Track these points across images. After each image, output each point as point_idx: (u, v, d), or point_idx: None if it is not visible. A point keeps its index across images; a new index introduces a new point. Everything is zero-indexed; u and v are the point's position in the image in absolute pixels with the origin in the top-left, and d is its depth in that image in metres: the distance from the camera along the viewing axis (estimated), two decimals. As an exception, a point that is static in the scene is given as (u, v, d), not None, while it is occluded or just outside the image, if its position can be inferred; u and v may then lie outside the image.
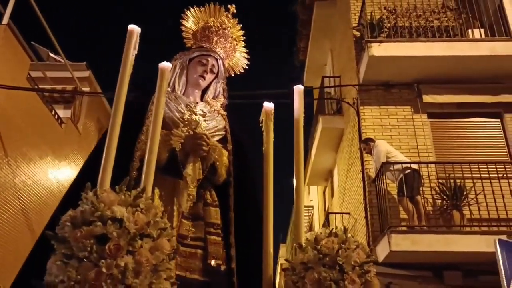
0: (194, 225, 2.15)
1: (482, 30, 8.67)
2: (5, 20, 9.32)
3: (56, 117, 11.58)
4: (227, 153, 2.33)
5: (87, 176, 1.49)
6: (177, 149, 2.15)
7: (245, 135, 2.54)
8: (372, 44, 8.22)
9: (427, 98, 8.37)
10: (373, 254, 2.23)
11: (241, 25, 2.55)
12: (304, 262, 1.50)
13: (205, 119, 2.35)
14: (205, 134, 2.22)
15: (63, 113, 12.47)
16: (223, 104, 2.52)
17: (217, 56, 2.48)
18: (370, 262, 1.53)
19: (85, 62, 13.52)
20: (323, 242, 1.52)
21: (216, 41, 2.49)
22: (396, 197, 7.40)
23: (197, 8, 2.52)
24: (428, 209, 7.40)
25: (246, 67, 2.64)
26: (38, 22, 10.16)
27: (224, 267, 2.13)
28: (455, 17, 9.02)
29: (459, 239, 6.64)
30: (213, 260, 2.10)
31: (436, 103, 8.40)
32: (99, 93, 13.86)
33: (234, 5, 2.53)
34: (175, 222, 2.05)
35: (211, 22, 2.49)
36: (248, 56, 2.63)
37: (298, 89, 1.85)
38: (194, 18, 2.53)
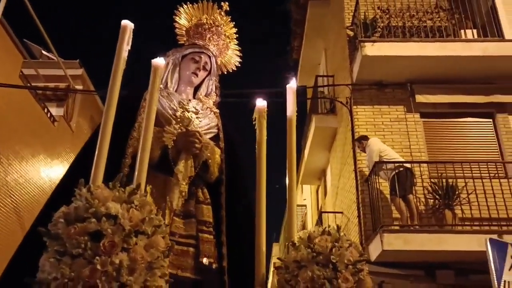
0: (185, 222, 2.13)
1: (475, 31, 8.73)
2: (-3, 17, 9.26)
3: (49, 115, 11.50)
4: (219, 151, 2.33)
5: (78, 173, 1.47)
6: (169, 146, 2.14)
7: (237, 134, 2.54)
8: (366, 44, 8.25)
9: (420, 98, 8.41)
10: (365, 253, 2.23)
11: (234, 23, 2.55)
12: (297, 261, 1.50)
13: (197, 117, 2.33)
14: (197, 132, 2.21)
15: (56, 111, 12.37)
16: (215, 101, 2.51)
17: (210, 53, 2.47)
18: (363, 260, 1.53)
19: (78, 60, 13.42)
20: (317, 240, 1.52)
21: (209, 38, 2.48)
22: (388, 196, 7.44)
23: (190, 5, 2.51)
24: (421, 208, 7.44)
25: (239, 64, 2.64)
26: (31, 19, 10.08)
27: (216, 265, 2.12)
28: (448, 17, 9.06)
29: (451, 238, 6.68)
30: (205, 258, 2.09)
31: (429, 103, 8.44)
32: (92, 91, 13.78)
33: (227, 3, 2.52)
34: (167, 219, 2.04)
35: (204, 19, 2.48)
36: (241, 54, 2.62)
37: (291, 87, 1.83)
38: (187, 15, 2.52)
